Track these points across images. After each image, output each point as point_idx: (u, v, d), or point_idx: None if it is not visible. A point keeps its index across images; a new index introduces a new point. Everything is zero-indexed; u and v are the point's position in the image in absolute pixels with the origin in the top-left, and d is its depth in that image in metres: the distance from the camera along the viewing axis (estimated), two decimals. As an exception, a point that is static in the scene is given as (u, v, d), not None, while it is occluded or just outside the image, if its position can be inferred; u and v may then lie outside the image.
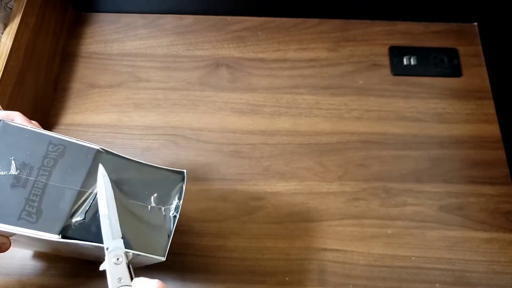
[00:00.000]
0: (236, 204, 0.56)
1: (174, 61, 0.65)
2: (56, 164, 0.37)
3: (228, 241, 0.54)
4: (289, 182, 0.57)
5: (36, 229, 0.35)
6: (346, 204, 0.55)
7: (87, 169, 0.38)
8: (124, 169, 0.40)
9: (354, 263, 0.52)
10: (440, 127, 0.60)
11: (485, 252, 0.53)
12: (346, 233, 0.54)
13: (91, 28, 0.68)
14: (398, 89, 0.63)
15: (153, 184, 0.41)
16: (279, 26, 0.68)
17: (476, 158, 0.58)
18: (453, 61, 0.64)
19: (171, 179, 0.42)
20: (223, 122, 0.60)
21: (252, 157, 0.58)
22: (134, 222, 0.38)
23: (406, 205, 0.55)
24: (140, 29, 0.67)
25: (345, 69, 0.64)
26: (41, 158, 0.37)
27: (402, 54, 0.65)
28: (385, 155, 0.58)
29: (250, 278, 0.51)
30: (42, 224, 0.36)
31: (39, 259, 0.52)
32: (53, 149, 0.38)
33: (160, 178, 0.41)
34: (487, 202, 0.56)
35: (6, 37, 0.53)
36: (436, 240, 0.53)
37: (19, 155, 0.37)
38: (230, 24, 0.68)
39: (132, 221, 0.38)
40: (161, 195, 0.41)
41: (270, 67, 0.65)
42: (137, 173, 0.40)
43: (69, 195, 0.37)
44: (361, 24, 0.68)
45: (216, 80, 0.64)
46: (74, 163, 0.38)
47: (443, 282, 0.51)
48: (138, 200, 0.40)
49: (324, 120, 0.61)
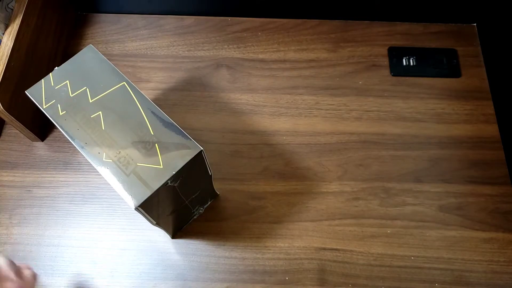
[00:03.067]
0: (236, 204, 0.56)
1: (174, 62, 0.65)
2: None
3: (228, 240, 0.54)
4: (289, 182, 0.57)
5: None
6: (346, 204, 0.56)
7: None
8: None
9: (354, 263, 0.52)
10: (439, 127, 0.60)
11: (484, 251, 0.53)
12: (346, 233, 0.54)
13: (92, 29, 0.68)
14: (397, 90, 0.63)
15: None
16: (279, 27, 0.68)
17: (475, 158, 0.58)
18: (452, 61, 0.65)
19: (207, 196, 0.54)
20: (223, 122, 0.61)
21: (252, 157, 0.58)
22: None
23: (406, 205, 0.56)
24: (140, 30, 0.68)
25: (345, 69, 0.65)
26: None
27: (401, 55, 0.65)
28: (385, 155, 0.59)
29: (250, 277, 0.52)
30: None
31: (39, 259, 0.53)
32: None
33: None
34: (486, 202, 0.56)
35: (7, 37, 0.53)
36: (435, 240, 0.54)
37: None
38: (230, 25, 0.68)
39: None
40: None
41: (270, 67, 0.65)
42: None
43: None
44: (361, 25, 0.68)
45: (217, 81, 0.64)
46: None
47: (442, 282, 0.51)
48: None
49: (323, 120, 0.61)
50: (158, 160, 0.39)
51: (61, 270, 0.52)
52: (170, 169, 0.38)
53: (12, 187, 0.57)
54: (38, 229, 0.54)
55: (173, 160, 0.39)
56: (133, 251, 0.53)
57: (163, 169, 0.38)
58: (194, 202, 0.50)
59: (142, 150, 0.39)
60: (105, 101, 0.42)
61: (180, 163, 0.39)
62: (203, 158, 0.42)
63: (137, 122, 0.41)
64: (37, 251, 0.53)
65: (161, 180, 0.38)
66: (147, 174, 0.38)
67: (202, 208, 0.54)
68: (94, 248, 0.53)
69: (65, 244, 0.53)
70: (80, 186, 0.56)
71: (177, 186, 0.41)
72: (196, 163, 0.41)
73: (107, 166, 0.39)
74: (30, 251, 0.53)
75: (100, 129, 0.40)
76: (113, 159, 0.39)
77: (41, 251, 0.53)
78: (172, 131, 0.40)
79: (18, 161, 0.58)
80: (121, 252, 0.53)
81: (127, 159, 0.39)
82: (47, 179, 0.57)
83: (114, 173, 0.38)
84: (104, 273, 0.52)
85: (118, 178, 0.38)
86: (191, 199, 0.48)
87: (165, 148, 0.39)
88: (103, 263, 0.52)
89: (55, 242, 0.53)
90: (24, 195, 0.56)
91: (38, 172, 0.57)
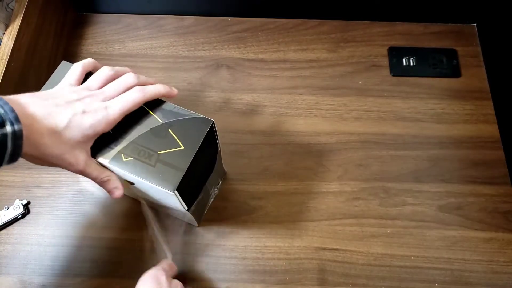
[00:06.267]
0: (236, 204, 0.56)
1: (174, 62, 0.65)
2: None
3: (228, 240, 0.54)
4: (289, 182, 0.57)
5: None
6: (346, 203, 0.56)
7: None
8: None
9: (354, 263, 0.52)
10: (439, 127, 0.60)
11: (484, 251, 0.53)
12: (346, 233, 0.54)
13: (92, 29, 0.68)
14: (397, 90, 0.63)
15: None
16: (279, 27, 0.68)
17: (475, 158, 0.58)
18: (452, 61, 0.65)
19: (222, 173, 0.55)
20: (224, 122, 0.61)
21: (252, 157, 0.58)
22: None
23: (405, 205, 0.56)
24: (141, 30, 0.68)
25: (345, 69, 0.65)
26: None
27: (401, 55, 0.65)
28: (385, 155, 0.59)
29: (250, 277, 0.52)
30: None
31: (39, 259, 0.53)
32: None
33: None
34: (486, 202, 0.56)
35: (7, 37, 0.54)
36: (435, 240, 0.54)
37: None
38: (230, 25, 0.68)
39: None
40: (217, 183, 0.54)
41: (270, 67, 0.65)
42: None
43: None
44: (361, 25, 0.68)
45: (217, 81, 0.64)
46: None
47: (442, 282, 0.51)
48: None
49: (323, 120, 0.61)
50: (177, 143, 0.39)
51: (61, 270, 0.52)
52: (192, 146, 0.39)
53: (12, 187, 0.57)
54: (38, 229, 0.54)
55: (191, 137, 0.39)
56: (133, 251, 0.53)
57: (185, 149, 0.39)
58: (212, 182, 0.51)
59: (158, 139, 0.40)
60: None
61: (199, 137, 0.39)
62: (214, 131, 0.42)
63: (141, 116, 0.41)
64: (37, 251, 0.53)
65: (188, 159, 0.38)
66: (172, 158, 0.39)
67: (216, 189, 0.55)
68: (95, 248, 0.53)
69: (65, 244, 0.53)
70: (80, 186, 0.57)
71: (200, 164, 0.41)
72: (210, 137, 0.41)
73: (130, 166, 0.39)
74: (30, 251, 0.53)
75: (107, 133, 0.40)
76: (133, 156, 0.39)
77: (41, 251, 0.53)
78: (178, 113, 0.41)
79: (18, 161, 0.58)
80: (121, 251, 0.53)
81: (147, 151, 0.39)
82: (47, 179, 0.57)
83: (140, 170, 0.38)
84: (104, 273, 0.52)
85: (146, 171, 0.38)
86: (209, 180, 0.49)
87: (178, 129, 0.40)
88: (103, 262, 0.52)
89: (55, 242, 0.54)
90: (24, 195, 0.56)
91: (38, 172, 0.57)
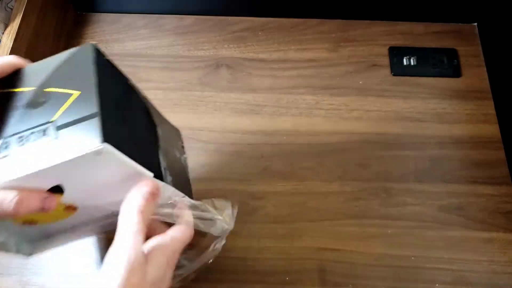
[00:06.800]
0: (236, 204, 0.56)
1: (174, 62, 0.65)
2: None
3: (228, 240, 0.54)
4: (289, 182, 0.57)
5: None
6: (346, 204, 0.56)
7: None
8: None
9: (354, 263, 0.52)
10: (440, 127, 0.60)
11: (484, 252, 0.53)
12: (346, 233, 0.54)
13: (91, 28, 0.68)
14: (398, 90, 0.63)
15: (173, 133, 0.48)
16: (279, 26, 0.68)
17: (476, 158, 0.58)
18: (452, 61, 0.65)
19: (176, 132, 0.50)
20: (223, 122, 0.61)
21: (252, 157, 0.58)
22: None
23: (406, 205, 0.55)
24: (140, 30, 0.68)
25: (345, 69, 0.64)
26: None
27: (402, 55, 0.65)
28: (385, 155, 0.59)
29: (250, 278, 0.51)
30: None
31: (39, 259, 0.52)
32: None
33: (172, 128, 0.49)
34: (486, 202, 0.56)
35: (6, 37, 0.53)
36: (435, 240, 0.53)
37: None
38: (230, 24, 0.68)
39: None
40: (179, 146, 0.47)
41: (270, 67, 0.65)
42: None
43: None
44: (361, 24, 0.68)
45: (217, 80, 0.64)
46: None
47: (443, 282, 0.51)
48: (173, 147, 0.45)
49: (324, 120, 0.61)
50: (66, 93, 0.31)
51: (61, 270, 0.52)
52: (89, 83, 0.31)
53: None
54: (38, 229, 0.54)
55: (80, 76, 0.32)
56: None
57: (82, 92, 0.30)
58: (166, 139, 0.43)
59: (41, 108, 0.31)
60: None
61: (89, 67, 0.32)
62: (103, 55, 0.35)
63: (3, 103, 0.32)
64: (37, 251, 0.53)
65: (92, 99, 0.30)
66: (74, 112, 0.29)
67: (185, 155, 0.48)
68: (95, 248, 0.53)
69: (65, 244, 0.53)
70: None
71: (118, 107, 0.34)
72: (104, 64, 0.34)
73: (20, 161, 0.29)
74: (30, 251, 0.53)
75: None
76: (17, 146, 0.29)
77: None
78: (47, 67, 0.33)
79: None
80: (121, 252, 0.53)
81: (36, 130, 0.29)
82: (46, 179, 0.57)
83: (43, 154, 0.28)
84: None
85: (52, 150, 0.28)
86: (159, 135, 0.41)
87: (58, 80, 0.32)
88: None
89: (55, 242, 0.53)
90: (24, 195, 0.56)
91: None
